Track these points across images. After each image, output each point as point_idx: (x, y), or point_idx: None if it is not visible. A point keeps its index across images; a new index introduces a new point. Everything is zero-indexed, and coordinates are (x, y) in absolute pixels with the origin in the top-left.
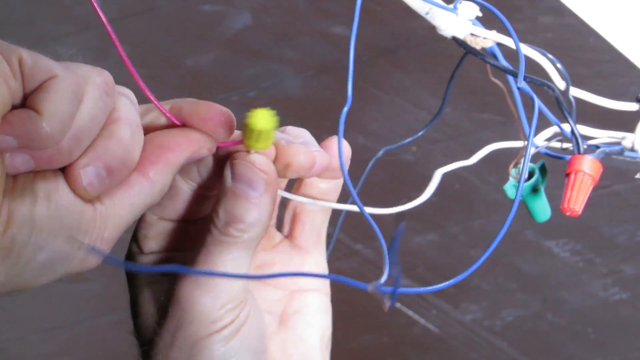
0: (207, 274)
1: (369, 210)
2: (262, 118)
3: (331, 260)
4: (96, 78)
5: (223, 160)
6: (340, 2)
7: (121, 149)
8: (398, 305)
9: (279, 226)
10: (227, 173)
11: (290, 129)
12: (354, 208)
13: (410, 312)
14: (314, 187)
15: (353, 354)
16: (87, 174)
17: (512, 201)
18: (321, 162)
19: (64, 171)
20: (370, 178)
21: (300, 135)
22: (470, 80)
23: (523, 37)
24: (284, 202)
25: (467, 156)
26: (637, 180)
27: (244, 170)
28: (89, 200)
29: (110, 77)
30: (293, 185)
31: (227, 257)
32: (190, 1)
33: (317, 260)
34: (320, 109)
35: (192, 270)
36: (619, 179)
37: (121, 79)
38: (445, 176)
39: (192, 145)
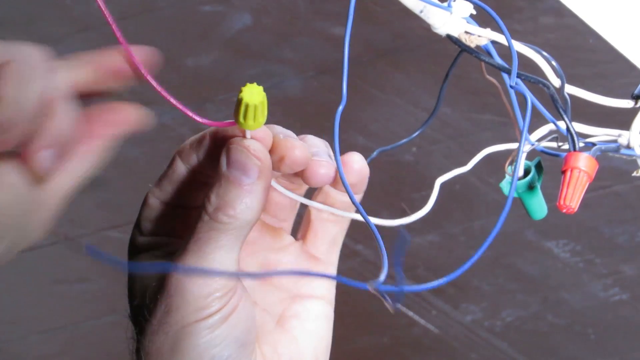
0: (199, 272)
1: (374, 220)
2: (255, 92)
3: None
4: (37, 56)
5: (222, 145)
6: (340, 3)
7: (67, 127)
8: (398, 305)
9: (295, 231)
10: (223, 158)
11: (309, 137)
12: (358, 217)
13: (410, 313)
14: (332, 198)
15: (353, 354)
16: (42, 157)
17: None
18: (327, 172)
19: (19, 155)
20: (370, 178)
21: (315, 145)
22: (471, 80)
23: (523, 38)
24: (302, 209)
25: (468, 157)
26: (637, 180)
27: (239, 156)
28: (41, 180)
29: (48, 54)
30: (311, 195)
31: (217, 244)
32: (191, 2)
33: (325, 269)
34: (320, 110)
35: (182, 267)
36: (619, 179)
37: None
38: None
39: (129, 118)
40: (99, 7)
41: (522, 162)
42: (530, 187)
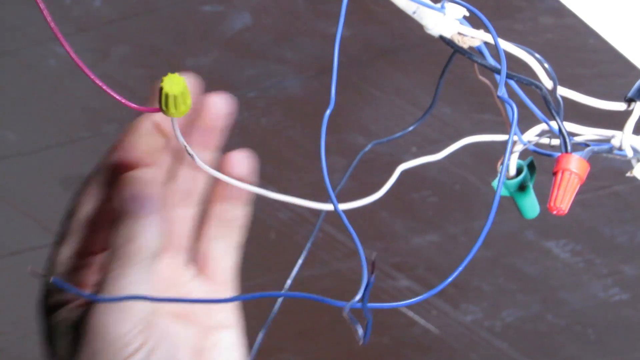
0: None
1: (316, 205)
2: (175, 83)
3: (331, 260)
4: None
5: (115, 180)
6: (340, 3)
7: None
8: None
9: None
10: (117, 193)
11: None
12: (329, 207)
13: (410, 313)
14: (224, 214)
15: (353, 354)
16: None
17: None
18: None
19: None
20: (369, 178)
21: None
22: (471, 80)
23: (523, 38)
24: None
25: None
26: (638, 180)
27: (133, 189)
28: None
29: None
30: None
31: (128, 279)
32: (191, 2)
33: (230, 294)
34: (320, 110)
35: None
36: (619, 179)
37: (120, 79)
38: (445, 176)
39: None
40: (45, 19)
41: (514, 162)
42: (522, 186)
